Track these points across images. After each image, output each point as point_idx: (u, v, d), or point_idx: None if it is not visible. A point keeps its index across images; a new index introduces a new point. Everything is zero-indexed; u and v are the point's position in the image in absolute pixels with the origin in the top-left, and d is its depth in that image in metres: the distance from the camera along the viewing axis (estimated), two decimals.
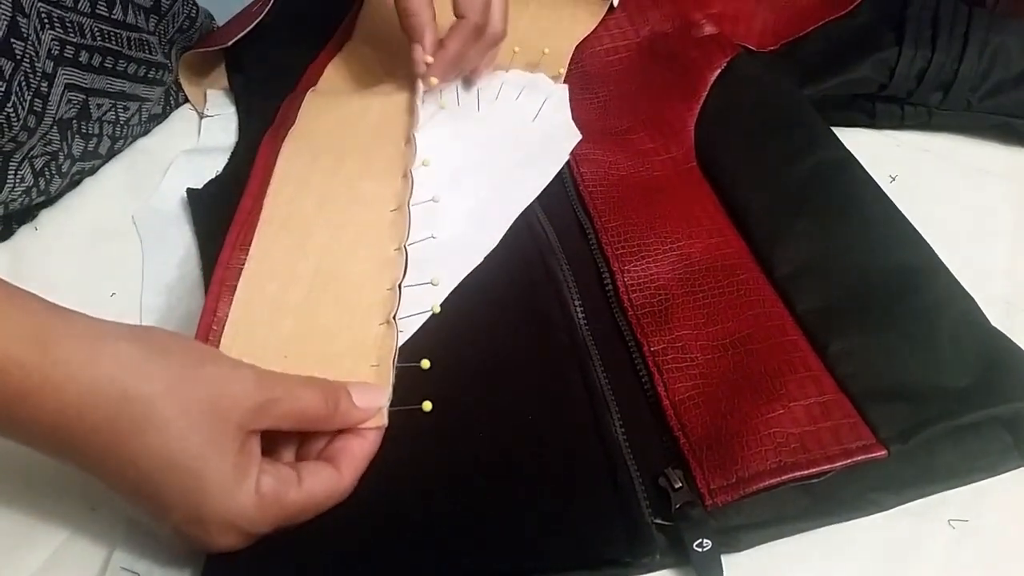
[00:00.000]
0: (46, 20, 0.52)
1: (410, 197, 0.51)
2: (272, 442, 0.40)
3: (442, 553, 0.40)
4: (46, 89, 0.52)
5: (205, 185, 0.59)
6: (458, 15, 0.56)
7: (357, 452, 0.41)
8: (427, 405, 0.42)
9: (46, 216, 0.59)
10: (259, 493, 0.38)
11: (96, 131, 0.59)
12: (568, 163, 0.57)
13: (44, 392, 0.35)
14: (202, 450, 0.36)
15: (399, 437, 0.44)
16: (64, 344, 0.35)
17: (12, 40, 0.49)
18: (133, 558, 0.40)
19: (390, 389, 0.43)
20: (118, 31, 0.57)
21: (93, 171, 0.61)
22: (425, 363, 0.44)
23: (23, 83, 0.50)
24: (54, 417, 0.35)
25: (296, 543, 0.40)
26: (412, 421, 0.44)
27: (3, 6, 0.48)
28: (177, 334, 0.40)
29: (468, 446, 0.43)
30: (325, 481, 0.39)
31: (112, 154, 0.62)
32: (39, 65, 0.51)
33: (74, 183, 0.60)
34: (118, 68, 0.58)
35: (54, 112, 0.53)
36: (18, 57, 0.49)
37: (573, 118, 0.60)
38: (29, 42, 0.50)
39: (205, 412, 0.37)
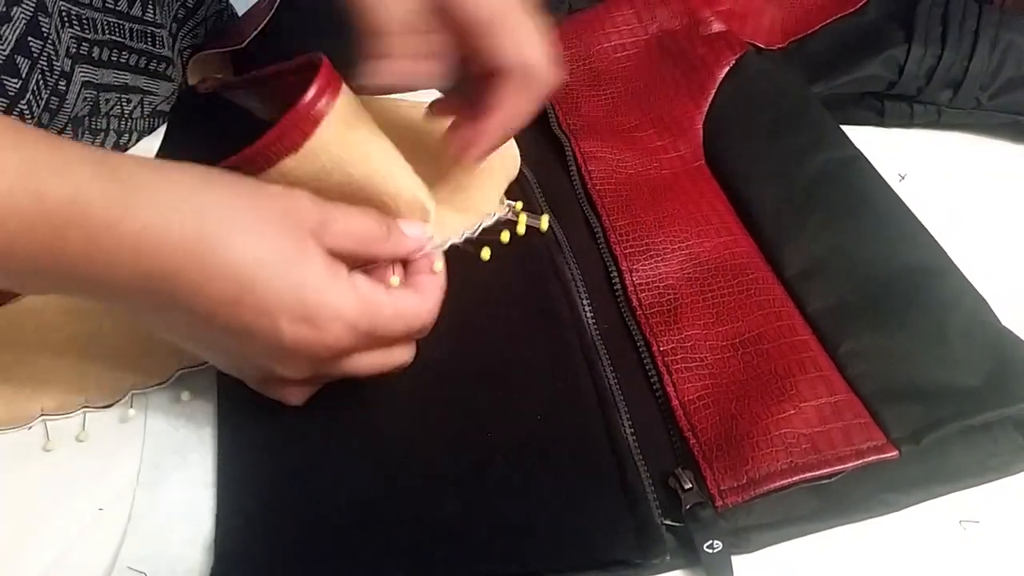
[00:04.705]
0: (66, 19, 0.52)
1: None
2: None
3: (452, 553, 0.40)
4: (64, 87, 0.52)
5: None
6: (495, 65, 0.43)
7: (433, 282, 0.43)
8: (486, 253, 0.48)
9: None
10: (355, 288, 0.39)
11: (103, 126, 0.59)
12: (576, 161, 0.57)
13: (126, 217, 0.34)
14: (290, 252, 0.37)
15: (407, 436, 0.44)
16: (131, 170, 0.35)
17: (30, 39, 0.48)
18: (140, 558, 0.40)
19: (432, 226, 0.44)
20: (122, 22, 0.57)
21: None
22: (486, 253, 0.49)
23: (40, 82, 0.50)
24: (138, 240, 0.34)
25: (304, 542, 0.40)
26: (420, 420, 0.45)
27: (25, 5, 0.48)
28: None
29: (477, 446, 0.43)
30: (410, 296, 0.42)
31: (118, 150, 0.62)
32: (58, 64, 0.51)
33: None
34: (121, 60, 0.58)
35: (70, 111, 0.53)
36: (35, 55, 0.49)
37: (581, 115, 0.59)
38: (49, 41, 0.49)
39: (280, 220, 0.38)
